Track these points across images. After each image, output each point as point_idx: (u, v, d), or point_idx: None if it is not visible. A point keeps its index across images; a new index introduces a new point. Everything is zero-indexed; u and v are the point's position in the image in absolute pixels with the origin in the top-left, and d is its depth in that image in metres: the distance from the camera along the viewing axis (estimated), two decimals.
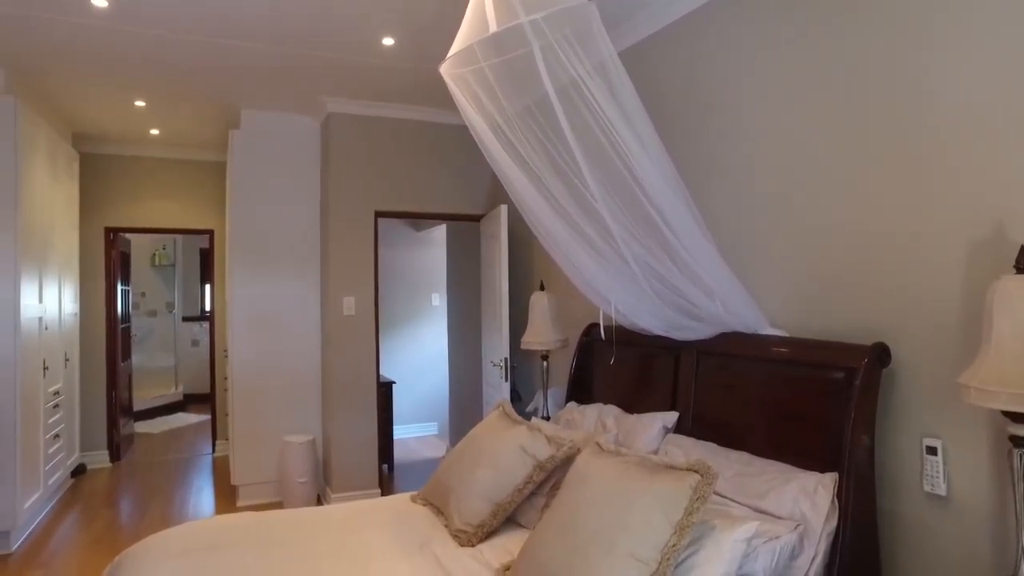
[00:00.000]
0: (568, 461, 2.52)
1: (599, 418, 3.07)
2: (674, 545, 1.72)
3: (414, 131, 4.82)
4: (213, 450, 6.33)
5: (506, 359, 4.24)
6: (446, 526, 2.52)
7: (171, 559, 2.19)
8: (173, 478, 5.58)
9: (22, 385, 4.00)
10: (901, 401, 2.04)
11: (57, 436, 4.81)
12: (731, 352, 2.59)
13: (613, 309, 2.76)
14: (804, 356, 2.27)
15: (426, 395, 6.76)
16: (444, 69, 2.34)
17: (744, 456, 2.32)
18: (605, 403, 3.21)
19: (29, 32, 3.47)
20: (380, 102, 4.62)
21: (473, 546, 2.37)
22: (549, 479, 2.55)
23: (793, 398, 2.28)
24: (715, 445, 2.48)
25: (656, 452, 2.61)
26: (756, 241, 2.63)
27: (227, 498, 4.96)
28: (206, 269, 9.35)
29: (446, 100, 4.56)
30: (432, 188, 4.86)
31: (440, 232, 6.70)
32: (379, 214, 4.69)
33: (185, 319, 9.36)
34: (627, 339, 3.05)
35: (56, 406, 4.79)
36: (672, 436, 2.70)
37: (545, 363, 3.76)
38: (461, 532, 2.42)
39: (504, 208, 4.28)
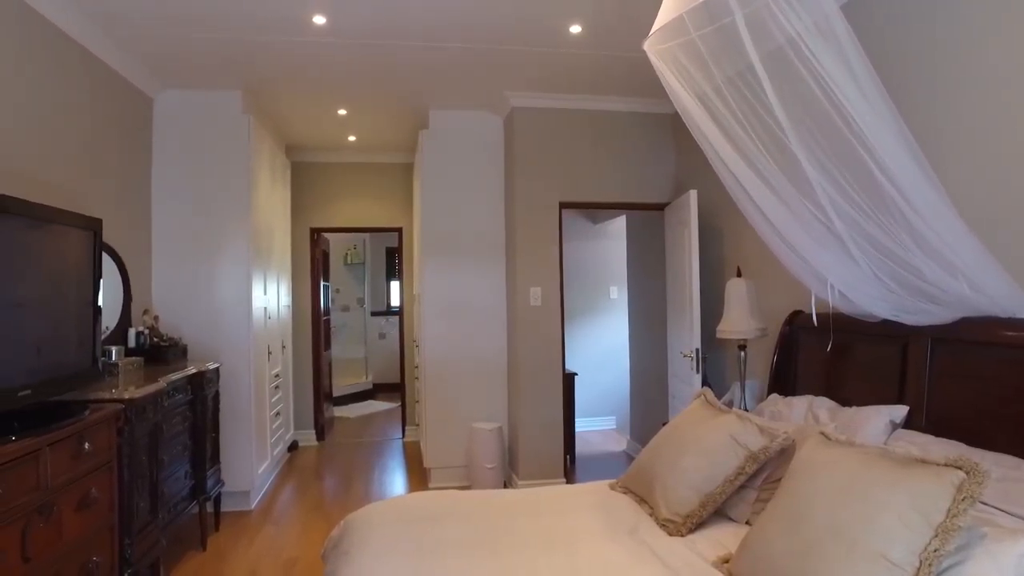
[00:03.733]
0: (783, 453, 2.37)
1: (809, 410, 2.85)
2: (936, 550, 1.52)
3: (596, 121, 4.80)
4: (403, 435, 6.76)
5: (697, 350, 4.08)
6: (651, 515, 2.46)
7: (394, 525, 2.34)
8: (370, 458, 6.03)
9: (254, 367, 4.53)
10: None
11: (278, 414, 5.39)
12: (978, 339, 2.26)
13: (830, 292, 2.53)
14: None
15: (605, 388, 6.72)
16: (648, 45, 2.28)
17: (1005, 458, 2.02)
18: (813, 395, 2.97)
19: (260, 56, 3.92)
20: (562, 94, 4.66)
21: (683, 536, 2.29)
22: (761, 471, 2.41)
23: None
24: (962, 444, 2.18)
25: None
26: (1015, 212, 2.28)
27: (419, 479, 5.26)
28: (392, 266, 10.06)
29: (629, 87, 4.58)
30: (615, 178, 4.82)
31: (617, 224, 6.63)
32: (563, 205, 4.72)
33: (373, 314, 10.12)
34: (841, 326, 2.79)
35: (277, 387, 5.37)
36: (902, 432, 2.42)
37: (743, 353, 3.57)
38: (669, 522, 2.34)
39: (694, 193, 4.12)
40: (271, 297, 5.20)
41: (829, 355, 2.94)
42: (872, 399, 2.62)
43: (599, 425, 6.85)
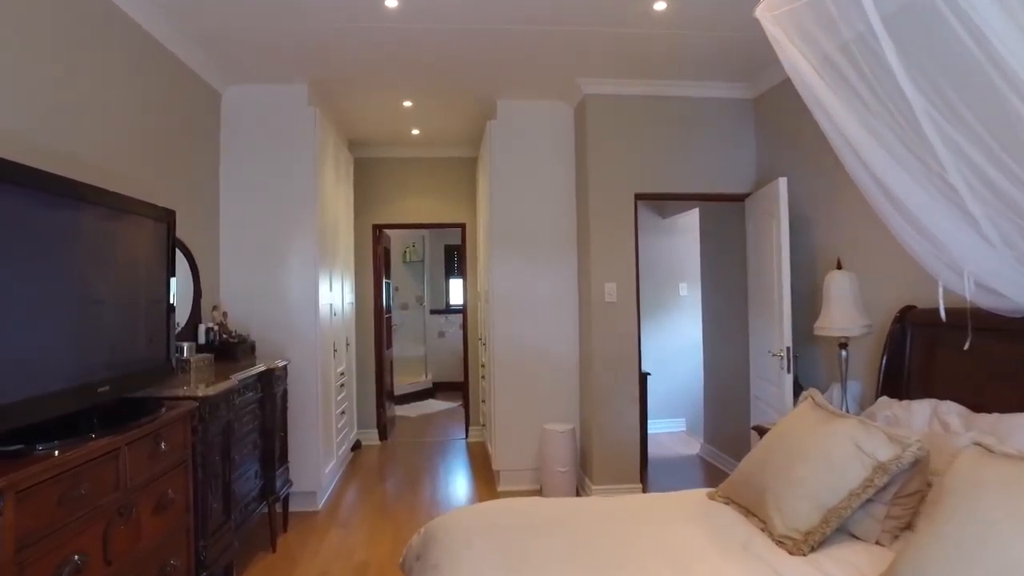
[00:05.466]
0: (916, 465, 2.10)
1: (935, 416, 2.55)
2: None
3: (672, 108, 4.55)
4: (466, 435, 6.62)
5: (788, 349, 3.79)
6: (763, 530, 2.22)
7: (485, 537, 2.16)
8: (434, 459, 5.91)
9: (320, 364, 4.44)
10: None
11: (343, 413, 5.31)
12: None
13: (967, 283, 2.24)
14: None
15: (674, 389, 6.44)
16: (761, 10, 2.06)
17: None
18: (933, 399, 2.66)
19: (328, 46, 3.82)
20: (637, 79, 4.42)
21: (804, 555, 2.04)
22: (889, 485, 2.14)
23: None
24: None
25: None
26: None
27: (486, 482, 5.10)
28: (451, 264, 9.96)
29: (711, 70, 4.34)
30: (692, 168, 4.55)
31: (687, 219, 6.34)
32: (638, 197, 4.48)
33: (432, 312, 10.03)
34: (973, 321, 2.49)
35: (342, 386, 5.30)
36: None
37: (844, 353, 3.27)
38: (786, 538, 2.10)
39: (783, 182, 3.83)
40: (336, 294, 5.12)
41: (955, 355, 2.63)
42: (1016, 405, 2.31)
43: (668, 427, 6.57)
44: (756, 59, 4.07)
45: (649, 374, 5.15)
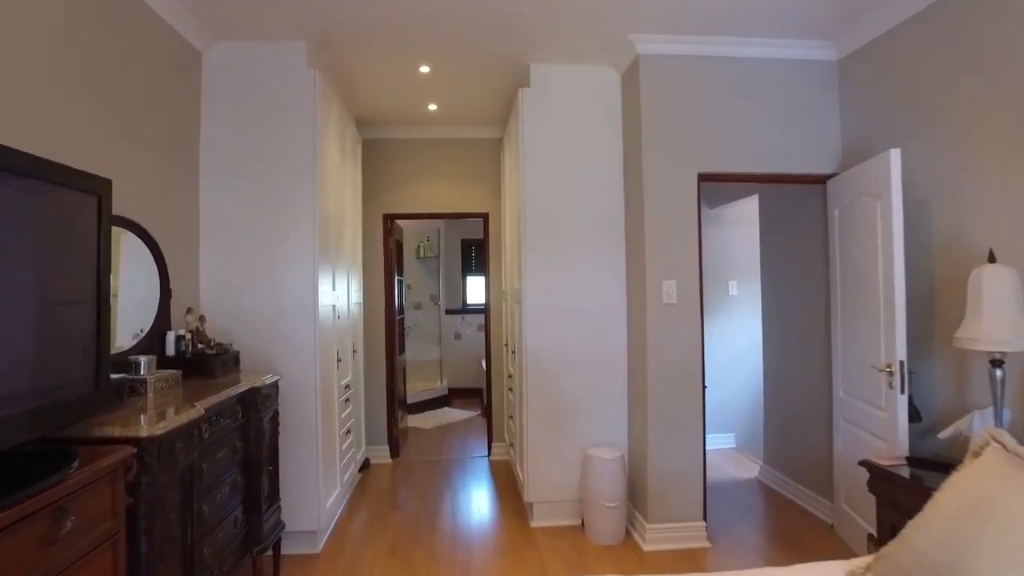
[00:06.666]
0: None
1: None
2: None
3: (742, 72, 3.78)
4: (489, 452, 5.88)
5: (901, 363, 3.02)
6: None
7: None
8: (453, 482, 5.16)
9: (321, 377, 3.71)
10: None
11: (348, 432, 4.58)
12: None
13: None
14: None
15: (723, 400, 5.66)
16: None
17: None
18: None
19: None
20: (700, 36, 3.66)
21: None
22: None
23: None
24: None
25: None
26: None
27: (516, 513, 4.35)
28: (468, 260, 9.23)
29: (789, 24, 3.51)
30: (763, 144, 3.78)
31: (737, 208, 5.57)
32: (702, 177, 3.72)
33: (448, 312, 9.29)
34: None
35: (347, 400, 4.57)
36: None
37: (999, 372, 2.50)
38: None
39: (895, 154, 3.06)
40: (340, 294, 4.39)
41: None
42: None
43: (715, 443, 5.78)
44: (844, 10, 3.32)
45: (705, 387, 4.38)
